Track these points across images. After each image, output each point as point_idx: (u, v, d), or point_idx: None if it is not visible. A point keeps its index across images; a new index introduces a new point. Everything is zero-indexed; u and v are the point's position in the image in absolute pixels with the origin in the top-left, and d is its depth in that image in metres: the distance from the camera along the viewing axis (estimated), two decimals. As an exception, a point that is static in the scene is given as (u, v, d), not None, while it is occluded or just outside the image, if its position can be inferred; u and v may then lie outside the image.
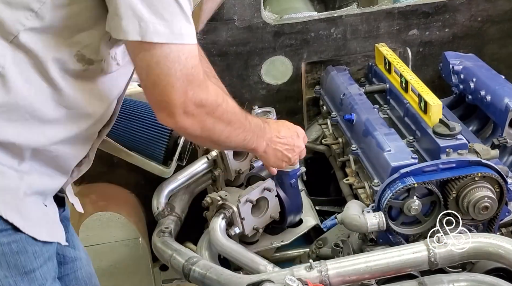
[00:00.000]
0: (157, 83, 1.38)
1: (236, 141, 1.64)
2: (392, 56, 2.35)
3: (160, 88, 1.39)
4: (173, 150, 2.06)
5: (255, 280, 1.62)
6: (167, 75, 1.37)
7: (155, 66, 1.36)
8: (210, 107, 1.48)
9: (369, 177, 2.03)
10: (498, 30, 2.67)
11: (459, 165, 1.85)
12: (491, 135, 2.24)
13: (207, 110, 1.47)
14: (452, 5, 2.58)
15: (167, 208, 2.17)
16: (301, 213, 2.11)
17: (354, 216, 1.83)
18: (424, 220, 1.88)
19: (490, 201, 1.82)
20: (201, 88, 1.44)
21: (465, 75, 2.35)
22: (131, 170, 2.38)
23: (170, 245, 1.97)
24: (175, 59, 1.37)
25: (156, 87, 1.39)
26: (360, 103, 2.25)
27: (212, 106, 1.48)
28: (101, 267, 2.34)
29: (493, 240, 1.64)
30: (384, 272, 1.66)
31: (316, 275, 1.62)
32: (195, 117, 1.45)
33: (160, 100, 1.41)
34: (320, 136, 2.53)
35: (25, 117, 1.38)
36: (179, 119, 1.43)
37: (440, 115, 1.99)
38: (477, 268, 1.83)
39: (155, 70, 1.37)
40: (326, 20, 2.50)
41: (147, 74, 1.38)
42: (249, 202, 1.94)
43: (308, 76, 2.61)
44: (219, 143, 1.61)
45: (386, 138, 2.01)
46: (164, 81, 1.38)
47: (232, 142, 1.62)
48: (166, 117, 1.43)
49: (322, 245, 2.10)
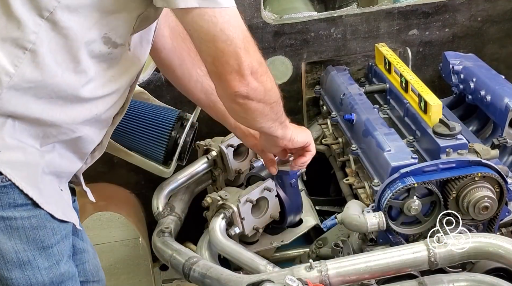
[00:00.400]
0: (225, 50, 1.39)
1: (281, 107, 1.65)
2: (392, 56, 2.35)
3: (228, 55, 1.40)
4: (173, 150, 2.06)
5: (255, 280, 1.62)
6: (234, 40, 1.38)
7: (220, 34, 1.37)
8: (265, 65, 1.51)
9: (369, 177, 2.03)
10: (498, 30, 2.67)
11: (459, 165, 1.85)
12: (491, 135, 2.24)
13: (264, 68, 1.50)
14: (452, 5, 2.57)
15: (167, 208, 2.17)
16: (301, 213, 2.11)
17: (354, 216, 1.83)
18: (424, 220, 1.88)
19: (490, 201, 1.82)
20: (255, 47, 1.47)
21: (465, 75, 2.35)
22: (131, 170, 2.38)
23: (170, 245, 1.97)
24: (235, 23, 1.39)
25: (225, 55, 1.39)
26: (360, 103, 2.25)
27: (265, 65, 1.51)
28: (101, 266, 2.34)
29: (493, 240, 1.64)
30: (384, 272, 1.66)
31: (316, 275, 1.62)
32: (258, 77, 1.47)
33: (231, 66, 1.41)
34: (320, 136, 2.53)
35: (51, 96, 1.39)
36: (249, 80, 1.45)
37: (440, 115, 1.99)
38: (477, 268, 1.84)
39: (222, 37, 1.37)
40: (326, 20, 2.50)
41: (214, 43, 1.38)
42: (249, 202, 1.94)
43: (308, 76, 2.61)
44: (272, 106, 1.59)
45: (386, 138, 2.01)
46: (231, 46, 1.38)
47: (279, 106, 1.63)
48: (237, 83, 1.44)
49: (322, 245, 2.10)
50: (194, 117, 2.12)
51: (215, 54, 1.40)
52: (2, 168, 1.37)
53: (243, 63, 1.42)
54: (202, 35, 1.38)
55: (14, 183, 1.38)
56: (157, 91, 2.37)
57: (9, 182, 1.38)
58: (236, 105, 1.51)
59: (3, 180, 1.37)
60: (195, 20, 1.36)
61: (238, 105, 1.51)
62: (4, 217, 1.39)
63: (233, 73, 1.42)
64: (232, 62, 1.41)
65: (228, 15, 1.37)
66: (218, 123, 2.01)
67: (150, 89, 2.35)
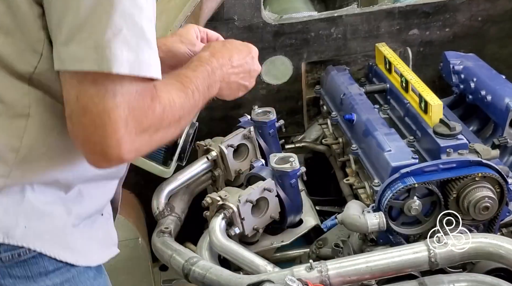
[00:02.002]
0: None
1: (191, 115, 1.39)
2: (393, 56, 2.34)
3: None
4: (173, 150, 2.05)
5: (255, 280, 1.62)
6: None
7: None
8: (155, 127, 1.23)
9: (369, 177, 2.03)
10: (498, 30, 2.67)
11: (459, 165, 1.85)
12: (492, 135, 2.24)
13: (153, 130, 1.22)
14: (452, 4, 2.57)
15: (167, 208, 2.17)
16: (301, 213, 2.11)
17: (355, 216, 1.83)
18: (425, 220, 1.88)
19: (491, 201, 1.81)
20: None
21: (465, 75, 2.35)
22: (131, 170, 2.37)
23: (170, 245, 1.97)
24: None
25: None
26: (360, 103, 2.25)
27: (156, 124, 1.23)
28: (101, 267, 2.34)
29: (494, 240, 1.64)
30: (384, 272, 1.66)
31: (316, 275, 1.62)
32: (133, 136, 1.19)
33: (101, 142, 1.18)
34: (320, 136, 2.53)
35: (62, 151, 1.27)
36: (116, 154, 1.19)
37: (441, 115, 1.99)
38: (478, 268, 1.83)
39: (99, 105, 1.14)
40: (326, 20, 2.50)
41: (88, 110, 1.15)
42: (249, 202, 1.94)
43: (308, 76, 2.61)
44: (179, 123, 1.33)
45: (387, 138, 2.00)
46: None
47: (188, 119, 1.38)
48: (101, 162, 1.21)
49: (322, 245, 2.10)
50: (194, 117, 2.12)
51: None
52: (32, 243, 1.25)
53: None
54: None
55: (45, 254, 1.28)
56: (157, 91, 2.37)
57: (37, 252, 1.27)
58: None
59: (30, 251, 1.26)
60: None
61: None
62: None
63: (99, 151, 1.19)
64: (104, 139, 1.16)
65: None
66: (218, 123, 2.01)
67: (150, 89, 2.34)
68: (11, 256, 1.25)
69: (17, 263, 1.26)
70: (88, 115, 1.12)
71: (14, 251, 1.25)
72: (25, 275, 1.27)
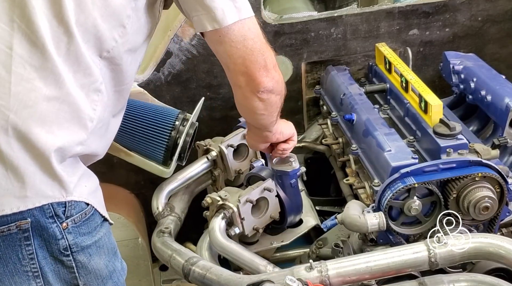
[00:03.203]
0: (254, 48, 1.52)
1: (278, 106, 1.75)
2: (393, 56, 2.34)
3: (256, 52, 1.53)
4: (173, 150, 2.06)
5: (255, 280, 1.62)
6: (258, 37, 1.54)
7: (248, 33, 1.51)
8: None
9: (369, 177, 2.03)
10: (498, 30, 2.67)
11: (459, 165, 1.85)
12: (492, 135, 2.24)
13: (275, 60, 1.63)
14: (452, 4, 2.57)
15: (167, 208, 2.17)
16: (301, 213, 2.11)
17: (355, 216, 1.83)
18: (425, 220, 1.88)
19: (491, 201, 1.82)
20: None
21: (465, 75, 2.35)
22: (130, 170, 2.38)
23: (170, 245, 1.97)
24: (256, 24, 1.54)
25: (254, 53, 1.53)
26: (360, 103, 2.25)
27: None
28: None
29: (494, 240, 1.64)
30: (384, 272, 1.66)
31: (316, 275, 1.62)
32: (277, 70, 1.62)
33: (259, 63, 1.54)
34: (320, 136, 2.53)
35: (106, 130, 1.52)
36: (274, 74, 1.60)
37: (441, 115, 1.99)
38: (478, 268, 1.83)
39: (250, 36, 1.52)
40: (326, 20, 2.50)
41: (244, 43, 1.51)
42: (249, 202, 1.94)
43: (308, 76, 2.61)
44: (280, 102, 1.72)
45: (387, 138, 2.00)
46: (258, 43, 1.53)
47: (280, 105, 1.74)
48: (265, 78, 1.57)
49: (322, 245, 2.10)
50: (194, 117, 2.12)
51: (245, 54, 1.52)
52: (91, 200, 1.46)
53: (268, 58, 1.56)
54: (238, 43, 1.51)
55: (97, 210, 1.49)
56: (157, 91, 2.37)
57: (94, 208, 1.48)
58: (260, 102, 1.64)
59: (91, 210, 1.47)
60: (233, 32, 1.50)
61: (262, 102, 1.63)
62: (95, 242, 1.48)
63: (261, 69, 1.56)
64: (260, 59, 1.54)
65: (255, 23, 1.54)
66: (218, 123, 2.01)
67: (150, 89, 2.35)
68: (81, 216, 1.44)
69: (84, 221, 1.45)
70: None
71: (82, 211, 1.44)
72: (88, 231, 1.46)
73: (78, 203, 1.42)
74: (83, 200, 1.44)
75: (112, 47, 1.41)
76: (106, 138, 1.54)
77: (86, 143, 1.42)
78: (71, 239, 1.42)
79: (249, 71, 1.55)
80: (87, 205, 1.45)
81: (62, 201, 1.39)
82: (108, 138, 1.56)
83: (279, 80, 1.63)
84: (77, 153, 1.41)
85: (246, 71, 1.55)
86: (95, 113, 1.41)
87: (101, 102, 1.43)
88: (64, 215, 1.40)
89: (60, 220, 1.39)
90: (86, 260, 1.46)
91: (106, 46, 1.40)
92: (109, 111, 1.49)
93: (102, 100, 1.43)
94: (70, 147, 1.37)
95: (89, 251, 1.47)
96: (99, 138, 1.48)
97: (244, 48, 1.51)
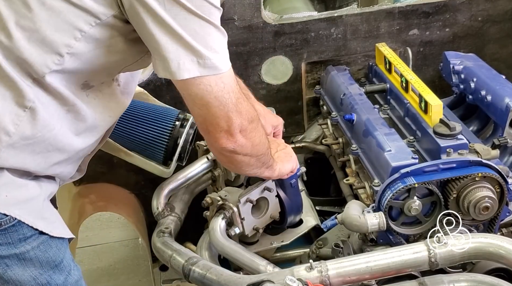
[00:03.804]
0: (217, 114, 1.46)
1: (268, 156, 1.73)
2: (393, 56, 2.34)
3: (220, 118, 1.47)
4: (173, 150, 2.06)
5: (255, 280, 1.62)
6: (226, 105, 1.46)
7: (214, 101, 1.44)
8: (256, 121, 1.58)
9: (370, 177, 2.03)
10: (498, 30, 2.67)
11: (459, 165, 1.85)
12: (492, 135, 2.23)
13: (254, 125, 1.57)
14: (452, 4, 2.57)
15: (167, 208, 2.17)
16: (301, 213, 2.11)
17: (355, 216, 1.83)
18: (425, 220, 1.88)
19: (491, 201, 1.81)
20: (247, 106, 1.54)
21: (465, 75, 2.35)
22: (131, 170, 2.38)
23: (170, 245, 1.97)
24: (230, 88, 1.45)
25: (216, 118, 1.47)
26: (361, 103, 2.25)
27: (257, 120, 1.59)
28: (101, 267, 2.35)
29: (494, 240, 1.64)
30: (384, 272, 1.66)
31: (316, 275, 1.62)
32: (247, 134, 1.55)
33: (221, 127, 1.49)
34: (320, 136, 2.52)
35: (48, 149, 1.46)
36: (237, 138, 1.53)
37: (441, 115, 1.99)
38: (478, 268, 1.83)
39: (215, 103, 1.44)
40: (326, 20, 2.50)
41: (207, 108, 1.45)
42: (249, 202, 1.94)
43: (308, 76, 2.61)
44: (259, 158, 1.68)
45: (387, 138, 2.00)
46: (223, 111, 1.46)
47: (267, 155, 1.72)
48: (225, 140, 1.52)
49: (322, 245, 2.10)
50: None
51: (206, 116, 1.48)
52: (11, 210, 1.42)
53: (233, 124, 1.49)
54: (196, 100, 1.44)
55: (23, 221, 1.44)
56: (157, 91, 2.37)
57: (17, 220, 1.43)
58: (223, 157, 1.61)
59: (11, 220, 1.42)
60: (190, 87, 1.41)
61: (225, 157, 1.60)
62: (17, 254, 1.44)
63: (222, 132, 1.51)
64: (223, 124, 1.49)
65: (223, 83, 1.43)
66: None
67: (150, 89, 2.34)
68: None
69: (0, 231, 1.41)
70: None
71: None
72: (7, 242, 1.42)
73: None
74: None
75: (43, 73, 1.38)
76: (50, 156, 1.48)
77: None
78: None
79: (209, 130, 1.51)
80: (5, 216, 1.41)
81: None
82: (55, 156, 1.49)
83: (244, 144, 1.55)
84: None
85: (206, 128, 1.51)
86: (16, 129, 1.38)
87: (31, 120, 1.39)
88: None
89: None
90: (1, 270, 1.43)
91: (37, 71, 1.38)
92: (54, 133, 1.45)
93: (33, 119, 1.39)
94: None
95: (5, 261, 1.43)
96: (28, 155, 1.43)
97: (205, 109, 1.45)
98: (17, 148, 1.40)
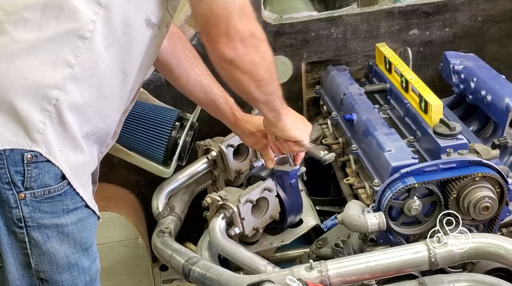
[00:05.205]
0: (219, 13, 1.45)
1: (271, 89, 1.70)
2: (393, 56, 2.34)
3: (221, 18, 1.46)
4: (173, 150, 2.06)
5: (255, 280, 1.62)
6: (229, 5, 1.45)
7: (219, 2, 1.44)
8: (259, 39, 1.55)
9: (370, 177, 2.03)
10: (498, 30, 2.67)
11: (459, 165, 1.85)
12: (492, 135, 2.24)
13: (256, 42, 1.54)
14: (452, 4, 2.57)
15: (167, 208, 2.17)
16: (301, 213, 2.11)
17: (355, 216, 1.83)
18: (425, 220, 1.88)
19: (491, 201, 1.81)
20: (252, 20, 1.52)
21: (465, 75, 2.35)
22: (131, 170, 2.38)
23: (170, 245, 1.97)
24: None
25: (218, 17, 1.46)
26: (361, 103, 2.25)
27: (261, 38, 1.55)
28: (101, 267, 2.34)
29: (494, 240, 1.64)
30: (384, 272, 1.66)
31: (316, 275, 1.62)
32: (246, 46, 1.51)
33: (221, 29, 1.47)
34: (320, 136, 2.52)
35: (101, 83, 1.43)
36: (236, 45, 1.49)
37: (441, 115, 1.99)
38: (478, 268, 1.83)
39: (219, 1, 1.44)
40: (326, 20, 2.50)
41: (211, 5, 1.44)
42: (249, 202, 1.94)
43: (308, 76, 2.61)
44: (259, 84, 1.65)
45: (387, 138, 2.00)
46: (226, 10, 1.45)
47: (269, 87, 1.69)
48: (223, 45, 1.49)
49: (322, 245, 2.10)
50: (194, 117, 2.12)
51: (209, 15, 1.46)
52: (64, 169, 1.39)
53: (232, 28, 1.47)
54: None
55: (73, 187, 1.42)
56: (157, 91, 2.37)
57: (68, 186, 1.41)
58: (222, 70, 1.58)
59: (64, 186, 1.40)
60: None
61: (224, 70, 1.57)
62: (58, 225, 1.42)
63: (221, 36, 1.48)
64: (222, 26, 1.47)
65: None
66: (218, 123, 2.01)
67: (150, 89, 2.34)
68: (43, 192, 1.37)
69: (46, 198, 1.38)
70: None
71: (46, 188, 1.37)
72: (52, 211, 1.40)
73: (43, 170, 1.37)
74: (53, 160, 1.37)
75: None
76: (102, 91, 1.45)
77: (65, 88, 1.36)
78: (27, 212, 1.37)
79: (209, 33, 1.49)
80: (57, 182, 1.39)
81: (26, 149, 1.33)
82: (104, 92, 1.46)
83: (243, 56, 1.52)
84: (54, 97, 1.35)
85: (207, 31, 1.49)
86: (77, 60, 1.36)
87: (89, 51, 1.37)
88: (22, 185, 1.35)
89: (17, 189, 1.35)
90: (41, 239, 1.41)
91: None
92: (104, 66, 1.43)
93: (91, 50, 1.38)
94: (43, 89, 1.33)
95: (47, 232, 1.41)
96: (88, 87, 1.40)
97: (208, 8, 1.45)
98: (78, 79, 1.37)
